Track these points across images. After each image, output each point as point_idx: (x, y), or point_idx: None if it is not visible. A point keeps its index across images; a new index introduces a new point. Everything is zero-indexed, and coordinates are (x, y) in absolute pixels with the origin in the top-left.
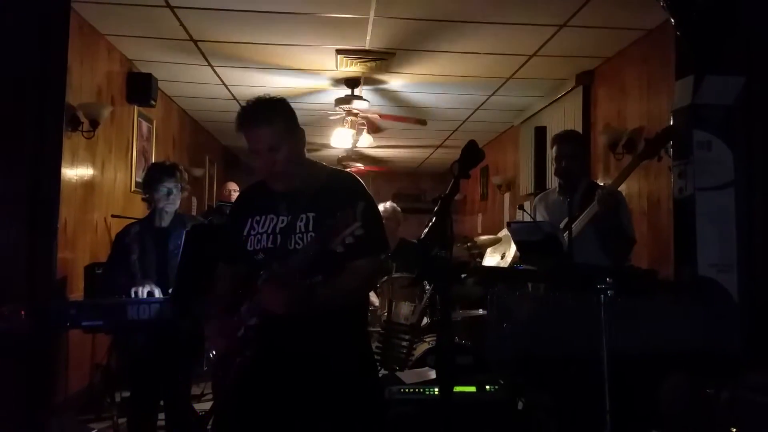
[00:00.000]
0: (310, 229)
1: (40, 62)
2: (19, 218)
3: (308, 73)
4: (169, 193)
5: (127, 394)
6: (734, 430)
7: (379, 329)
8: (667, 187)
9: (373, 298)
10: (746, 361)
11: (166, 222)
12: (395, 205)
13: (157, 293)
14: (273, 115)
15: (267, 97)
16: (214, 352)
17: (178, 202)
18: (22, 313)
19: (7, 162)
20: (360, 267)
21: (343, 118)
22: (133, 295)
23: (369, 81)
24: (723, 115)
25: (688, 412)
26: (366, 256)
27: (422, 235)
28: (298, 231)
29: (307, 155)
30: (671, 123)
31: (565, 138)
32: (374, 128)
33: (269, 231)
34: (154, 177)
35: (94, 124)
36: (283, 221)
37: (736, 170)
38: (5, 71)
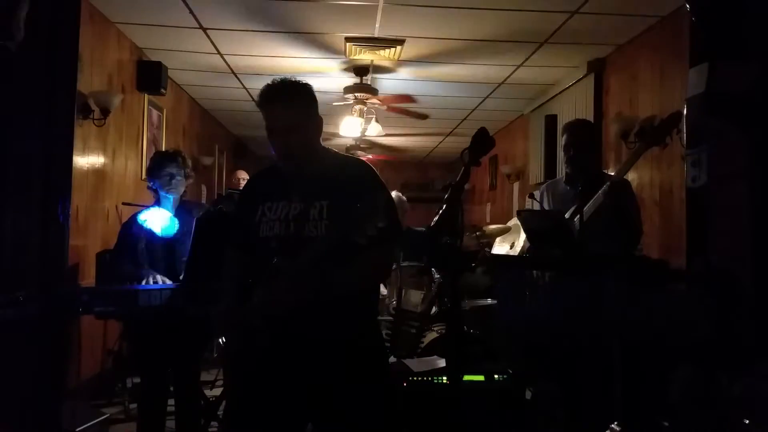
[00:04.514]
0: (324, 216)
1: (52, 50)
2: (32, 205)
3: (317, 61)
4: (171, 177)
5: (138, 379)
6: (747, 421)
7: (388, 317)
8: (680, 177)
9: (381, 287)
10: (759, 352)
11: (171, 210)
12: (401, 195)
13: (169, 282)
14: (295, 95)
15: (292, 78)
16: (223, 339)
17: (181, 188)
18: (35, 299)
19: (19, 149)
20: (376, 257)
21: (352, 107)
22: (144, 284)
23: (378, 69)
24: (738, 103)
25: (699, 404)
26: (383, 246)
27: (432, 223)
28: (311, 218)
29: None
30: (684, 111)
31: (574, 127)
32: (383, 117)
33: (282, 218)
34: (156, 163)
35: (105, 112)
36: (296, 208)
37: (752, 159)
38: (17, 59)
